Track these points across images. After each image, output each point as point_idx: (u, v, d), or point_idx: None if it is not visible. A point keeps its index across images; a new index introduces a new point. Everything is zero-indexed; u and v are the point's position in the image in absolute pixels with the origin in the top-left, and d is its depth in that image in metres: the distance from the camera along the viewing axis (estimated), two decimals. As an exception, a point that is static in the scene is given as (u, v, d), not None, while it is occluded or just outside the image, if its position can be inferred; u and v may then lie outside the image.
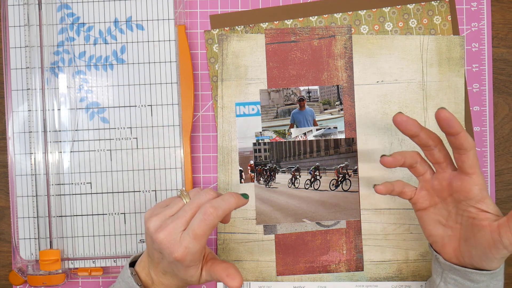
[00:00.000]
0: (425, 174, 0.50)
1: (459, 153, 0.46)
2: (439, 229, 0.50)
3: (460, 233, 0.49)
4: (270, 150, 0.61)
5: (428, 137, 0.48)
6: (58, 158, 0.59)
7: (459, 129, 0.45)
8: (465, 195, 0.47)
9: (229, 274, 0.48)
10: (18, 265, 0.59)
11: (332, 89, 0.61)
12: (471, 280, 0.48)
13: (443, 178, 0.49)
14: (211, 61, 0.61)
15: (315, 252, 0.61)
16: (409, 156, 0.49)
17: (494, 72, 0.62)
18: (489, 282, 0.48)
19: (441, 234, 0.50)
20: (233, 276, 0.48)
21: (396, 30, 0.61)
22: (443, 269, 0.50)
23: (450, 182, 0.48)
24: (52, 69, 0.59)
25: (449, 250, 0.50)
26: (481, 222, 0.46)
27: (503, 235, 0.44)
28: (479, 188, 0.47)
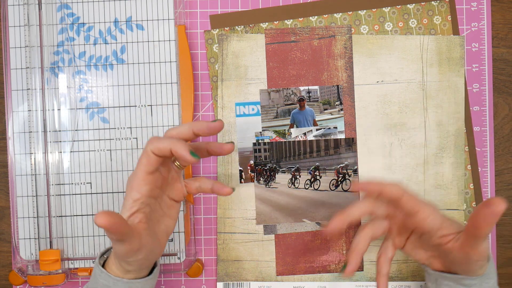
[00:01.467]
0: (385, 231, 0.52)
1: (395, 203, 0.49)
2: (421, 253, 0.52)
3: (438, 253, 0.50)
4: (270, 150, 0.61)
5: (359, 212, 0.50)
6: (58, 158, 0.59)
7: (379, 187, 0.48)
8: (421, 230, 0.49)
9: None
10: (18, 265, 0.59)
11: (332, 89, 0.61)
12: (463, 284, 0.49)
13: (397, 221, 0.51)
14: (211, 61, 0.61)
15: (315, 252, 0.61)
16: (364, 243, 0.51)
17: (494, 72, 0.62)
18: (481, 282, 0.48)
19: (425, 256, 0.52)
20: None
21: (396, 30, 0.61)
22: (436, 277, 0.51)
23: (404, 224, 0.50)
24: (52, 69, 0.59)
25: (438, 265, 0.51)
26: (447, 246, 0.48)
27: (468, 253, 0.46)
28: (430, 220, 0.48)
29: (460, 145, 0.61)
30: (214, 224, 0.62)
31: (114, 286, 0.48)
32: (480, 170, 0.62)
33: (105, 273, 0.48)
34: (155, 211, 0.49)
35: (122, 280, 0.48)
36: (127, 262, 0.47)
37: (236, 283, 0.61)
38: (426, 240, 0.50)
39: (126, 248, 0.45)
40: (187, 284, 0.62)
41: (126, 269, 0.48)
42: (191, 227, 0.60)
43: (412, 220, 0.49)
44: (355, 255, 0.50)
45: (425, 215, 0.48)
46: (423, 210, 0.48)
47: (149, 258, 0.48)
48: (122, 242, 0.44)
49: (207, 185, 0.51)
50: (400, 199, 0.48)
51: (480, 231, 0.43)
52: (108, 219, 0.41)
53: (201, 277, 0.62)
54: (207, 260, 0.62)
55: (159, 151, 0.45)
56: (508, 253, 0.63)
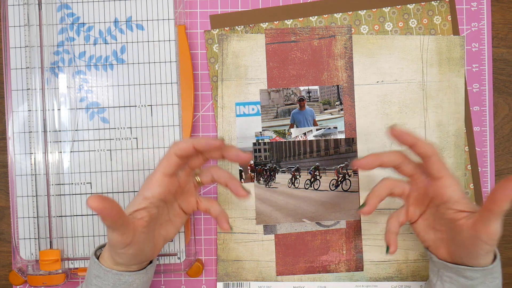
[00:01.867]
0: (404, 192, 0.52)
1: (424, 160, 0.49)
2: (431, 234, 0.52)
3: (447, 235, 0.50)
4: (270, 150, 0.61)
5: (391, 159, 0.50)
6: (58, 158, 0.59)
7: (414, 140, 0.48)
8: (440, 199, 0.49)
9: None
10: (18, 265, 0.59)
11: (332, 89, 0.61)
12: (465, 276, 0.49)
13: (419, 188, 0.51)
14: (211, 61, 0.61)
15: (315, 252, 0.61)
16: (382, 191, 0.51)
17: (494, 72, 0.62)
18: (484, 278, 0.48)
19: (433, 238, 0.51)
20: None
21: (396, 30, 0.61)
22: (438, 268, 0.51)
23: (425, 189, 0.50)
24: (52, 69, 0.59)
25: (443, 251, 0.51)
26: (459, 222, 0.48)
27: (478, 231, 0.45)
28: (452, 190, 0.48)
29: (460, 145, 0.61)
30: (214, 224, 0.62)
31: (105, 277, 0.49)
32: (480, 170, 0.62)
33: (97, 263, 0.49)
34: (161, 215, 0.51)
35: (111, 271, 0.49)
36: (117, 253, 0.47)
37: (236, 283, 0.61)
38: (440, 214, 0.49)
39: (117, 238, 0.45)
40: (187, 284, 0.62)
41: (116, 261, 0.48)
42: (191, 227, 0.60)
43: (434, 186, 0.49)
44: (374, 197, 0.51)
45: (448, 183, 0.48)
46: (448, 178, 0.48)
47: (139, 256, 0.49)
48: (114, 230, 0.45)
49: (215, 211, 0.53)
50: (430, 157, 0.48)
51: (497, 206, 0.43)
52: (99, 203, 0.41)
53: (201, 277, 0.62)
54: (207, 260, 0.62)
55: (181, 150, 0.48)
56: (508, 253, 0.63)
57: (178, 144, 0.48)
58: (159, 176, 0.48)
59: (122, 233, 0.45)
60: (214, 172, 0.52)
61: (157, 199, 0.48)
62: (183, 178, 0.51)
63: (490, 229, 0.45)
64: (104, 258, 0.49)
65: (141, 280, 0.51)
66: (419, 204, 0.52)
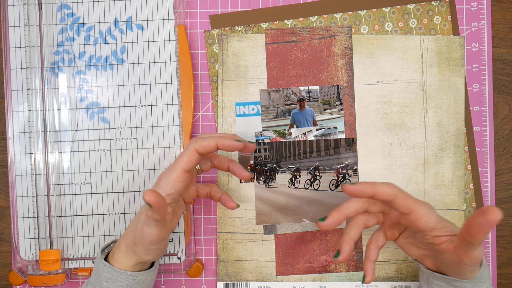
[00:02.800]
0: (379, 221, 0.52)
1: (389, 204, 0.49)
2: (415, 250, 0.52)
3: (431, 253, 0.50)
4: (270, 150, 0.61)
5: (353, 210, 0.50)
6: (58, 158, 0.59)
7: (370, 191, 0.47)
8: (415, 229, 0.49)
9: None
10: (18, 265, 0.59)
11: (332, 89, 0.61)
12: (454, 286, 0.49)
13: (392, 218, 0.51)
14: (211, 61, 0.61)
15: (315, 252, 0.61)
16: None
17: (494, 72, 0.62)
18: (473, 285, 0.48)
19: (417, 253, 0.52)
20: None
21: (396, 30, 0.61)
22: (428, 276, 0.52)
23: (398, 220, 0.50)
24: (52, 69, 0.59)
25: (429, 264, 0.51)
26: (440, 247, 0.48)
27: (461, 256, 0.46)
28: (424, 220, 0.48)
29: (460, 145, 0.61)
30: (214, 224, 0.62)
31: (118, 279, 0.49)
32: (480, 170, 0.62)
33: (109, 266, 0.49)
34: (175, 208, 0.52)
35: (125, 272, 0.49)
36: (148, 250, 0.48)
37: (236, 283, 0.61)
38: (419, 238, 0.50)
39: (157, 233, 0.47)
40: (187, 284, 0.62)
41: (141, 259, 0.49)
42: (191, 227, 0.60)
43: (406, 219, 0.49)
44: (347, 242, 0.50)
45: (419, 215, 0.47)
46: (417, 210, 0.47)
47: (163, 250, 0.51)
48: (157, 225, 0.46)
49: (216, 193, 0.55)
50: (393, 201, 0.48)
51: (474, 238, 0.43)
52: (155, 197, 0.43)
53: (201, 277, 0.62)
54: (207, 260, 0.62)
55: (204, 148, 0.49)
56: (508, 253, 0.63)
57: (200, 141, 0.49)
58: (180, 172, 0.49)
59: (161, 228, 0.47)
60: (213, 158, 0.54)
61: (178, 194, 0.49)
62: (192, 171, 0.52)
63: (471, 255, 0.45)
64: (120, 260, 0.50)
65: (152, 277, 0.52)
66: (395, 227, 0.52)
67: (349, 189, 0.48)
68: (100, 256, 0.51)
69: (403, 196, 0.48)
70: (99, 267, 0.50)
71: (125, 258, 0.50)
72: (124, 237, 0.50)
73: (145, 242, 0.48)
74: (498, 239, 0.62)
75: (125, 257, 0.50)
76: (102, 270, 0.50)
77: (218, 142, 0.49)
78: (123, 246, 0.50)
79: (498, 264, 0.62)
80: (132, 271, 0.50)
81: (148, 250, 0.49)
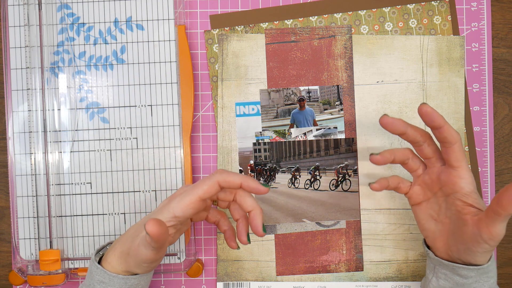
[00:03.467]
0: (418, 170, 0.52)
1: (445, 146, 0.48)
2: (432, 224, 0.51)
3: (449, 227, 0.50)
4: (270, 150, 0.61)
5: (416, 133, 0.49)
6: (58, 158, 0.59)
7: (442, 122, 0.47)
8: (452, 188, 0.49)
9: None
10: (18, 265, 0.59)
11: (332, 89, 0.61)
12: (459, 275, 0.49)
13: (432, 172, 0.50)
14: (211, 61, 0.61)
15: (315, 252, 0.61)
16: (399, 154, 0.51)
17: (494, 72, 0.62)
18: (479, 277, 0.48)
19: (433, 229, 0.51)
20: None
21: (396, 30, 0.61)
22: (434, 264, 0.51)
23: (438, 176, 0.50)
24: (52, 69, 0.59)
25: (440, 245, 0.51)
26: (465, 216, 0.47)
27: (481, 229, 0.45)
28: (465, 182, 0.48)
29: (460, 145, 0.61)
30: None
31: (110, 282, 0.49)
32: (480, 170, 0.62)
33: (101, 269, 0.49)
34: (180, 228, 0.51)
35: (118, 276, 0.49)
36: (140, 266, 0.48)
37: (236, 283, 0.61)
38: (449, 203, 0.49)
39: (152, 256, 0.46)
40: (187, 284, 0.62)
41: (131, 269, 0.49)
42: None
43: (448, 174, 0.48)
44: (389, 152, 0.50)
45: (463, 174, 0.48)
46: (464, 169, 0.48)
47: (154, 267, 0.51)
48: (153, 250, 0.45)
49: (223, 226, 0.54)
50: (452, 144, 0.47)
51: (502, 209, 0.43)
52: (158, 229, 0.42)
53: (201, 277, 0.62)
54: (207, 260, 0.62)
55: (228, 183, 0.48)
56: (508, 253, 0.63)
57: (225, 175, 0.48)
58: (195, 199, 0.47)
59: (158, 252, 0.46)
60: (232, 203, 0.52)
61: (186, 219, 0.49)
62: (208, 200, 0.51)
63: (493, 230, 0.44)
64: (112, 264, 0.49)
65: (145, 281, 0.51)
66: (426, 188, 0.51)
67: (427, 108, 0.47)
68: (94, 258, 0.50)
69: (461, 148, 0.48)
70: (92, 269, 0.50)
71: (117, 263, 0.49)
72: (121, 241, 0.50)
73: (138, 259, 0.47)
74: (498, 239, 0.62)
75: (117, 262, 0.49)
76: (95, 272, 0.49)
77: (243, 182, 0.48)
78: (118, 250, 0.49)
79: (498, 264, 0.62)
80: (125, 274, 0.49)
81: (139, 266, 0.48)
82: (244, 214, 0.52)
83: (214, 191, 0.48)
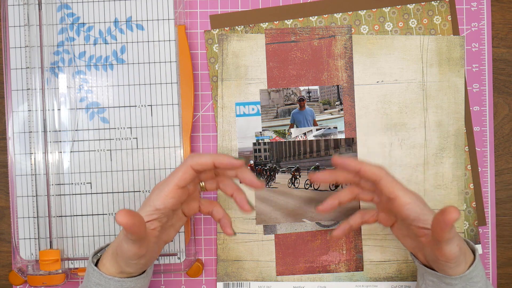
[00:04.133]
0: (374, 199, 0.52)
1: (374, 184, 0.49)
2: (408, 241, 0.52)
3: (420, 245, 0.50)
4: (270, 150, 0.61)
5: (347, 176, 0.51)
6: (58, 158, 0.59)
7: (357, 166, 0.48)
8: (400, 216, 0.49)
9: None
10: (18, 265, 0.59)
11: (332, 89, 0.61)
12: (445, 283, 0.49)
13: (382, 202, 0.51)
14: (211, 61, 0.61)
15: (315, 252, 0.61)
16: (343, 195, 0.52)
17: (494, 72, 0.62)
18: (464, 284, 0.48)
19: (411, 245, 0.52)
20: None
21: (396, 30, 0.61)
22: (422, 272, 0.52)
23: (387, 205, 0.50)
24: (52, 69, 0.59)
25: (421, 257, 0.51)
26: (421, 239, 0.48)
27: (435, 252, 0.46)
28: (407, 208, 0.48)
29: (460, 145, 0.61)
30: (214, 224, 0.62)
31: (106, 285, 0.48)
32: (480, 170, 0.62)
33: (97, 272, 0.49)
34: (168, 222, 0.51)
35: (113, 278, 0.48)
36: (128, 263, 0.47)
37: (236, 283, 0.61)
38: (408, 227, 0.50)
39: (134, 250, 0.46)
40: (187, 284, 0.62)
41: (123, 269, 0.48)
42: (191, 227, 0.60)
43: (391, 204, 0.49)
44: (333, 197, 0.52)
45: (403, 201, 0.48)
46: (402, 197, 0.48)
47: (148, 263, 0.50)
48: (134, 242, 0.45)
49: (218, 214, 0.53)
50: (378, 181, 0.48)
51: (438, 236, 0.44)
52: (128, 219, 0.41)
53: (201, 277, 0.62)
54: (207, 260, 0.62)
55: (200, 165, 0.48)
56: (508, 253, 0.63)
57: (196, 158, 0.48)
58: (172, 188, 0.47)
59: (140, 246, 0.45)
60: (220, 181, 0.52)
61: (168, 210, 0.48)
62: (191, 187, 0.51)
63: (443, 252, 0.45)
64: (106, 266, 0.49)
65: (142, 283, 0.51)
66: (389, 213, 0.52)
67: (337, 159, 0.49)
68: (92, 260, 0.50)
69: (389, 180, 0.48)
70: (89, 271, 0.50)
71: (110, 265, 0.49)
72: (113, 243, 0.49)
73: (123, 256, 0.47)
74: (498, 239, 0.62)
75: (110, 264, 0.49)
76: (92, 274, 0.49)
77: (215, 160, 0.47)
78: (110, 252, 0.49)
79: (498, 264, 0.62)
80: (120, 277, 0.49)
81: (128, 264, 0.47)
82: (236, 186, 0.52)
83: (190, 176, 0.48)
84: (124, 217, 0.41)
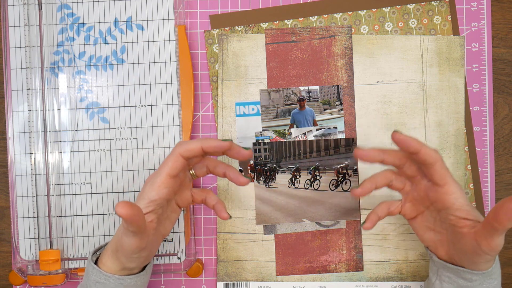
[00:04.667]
0: (405, 188, 0.51)
1: (426, 167, 0.48)
2: (430, 235, 0.51)
3: (447, 237, 0.50)
4: (270, 150, 0.61)
5: (394, 158, 0.49)
6: (58, 158, 0.59)
7: (418, 147, 0.47)
8: (442, 205, 0.48)
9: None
10: (18, 265, 0.59)
11: (332, 89, 0.61)
12: (464, 278, 0.48)
13: (420, 189, 0.50)
14: (211, 61, 0.61)
15: (315, 252, 0.61)
16: (380, 179, 0.51)
17: (494, 72, 0.62)
18: (483, 280, 0.48)
19: (433, 239, 0.51)
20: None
21: (396, 30, 0.61)
22: (438, 267, 0.51)
23: (426, 193, 0.50)
24: (52, 69, 0.59)
25: (442, 252, 0.51)
26: (461, 230, 0.47)
27: (480, 242, 0.45)
28: (454, 197, 0.47)
29: (460, 145, 0.61)
30: (214, 224, 0.62)
31: (106, 282, 0.48)
32: (480, 170, 0.62)
33: (97, 269, 0.49)
34: (163, 214, 0.51)
35: (113, 276, 0.49)
36: (130, 258, 0.47)
37: (236, 283, 0.61)
38: (443, 218, 0.49)
39: (135, 243, 0.46)
40: (187, 284, 0.62)
41: (124, 265, 0.48)
42: (191, 227, 0.60)
43: (435, 192, 0.48)
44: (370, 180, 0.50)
45: (451, 189, 0.47)
46: (451, 185, 0.47)
47: (148, 257, 0.50)
48: (134, 235, 0.45)
49: (211, 201, 0.53)
50: (433, 165, 0.47)
51: (500, 224, 0.42)
52: (128, 209, 0.42)
53: (201, 277, 0.62)
54: (207, 260, 0.62)
55: (189, 152, 0.48)
56: (508, 253, 0.63)
57: (185, 145, 0.48)
58: (164, 178, 0.48)
59: (140, 238, 0.46)
60: (209, 164, 0.52)
61: (163, 200, 0.48)
62: (182, 175, 0.51)
63: (492, 243, 0.44)
64: (106, 264, 0.49)
65: (141, 281, 0.51)
66: (417, 203, 0.51)
67: (399, 136, 0.47)
68: (91, 258, 0.50)
69: (443, 166, 0.47)
70: (88, 269, 0.50)
71: (111, 262, 0.49)
72: (112, 240, 0.50)
73: (124, 251, 0.47)
74: (498, 239, 0.62)
75: (111, 262, 0.49)
76: (91, 273, 0.49)
77: (203, 145, 0.48)
78: (109, 250, 0.49)
79: (498, 264, 0.62)
80: (120, 275, 0.49)
81: (129, 258, 0.48)
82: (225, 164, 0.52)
83: (180, 165, 0.48)
84: (124, 208, 0.41)
